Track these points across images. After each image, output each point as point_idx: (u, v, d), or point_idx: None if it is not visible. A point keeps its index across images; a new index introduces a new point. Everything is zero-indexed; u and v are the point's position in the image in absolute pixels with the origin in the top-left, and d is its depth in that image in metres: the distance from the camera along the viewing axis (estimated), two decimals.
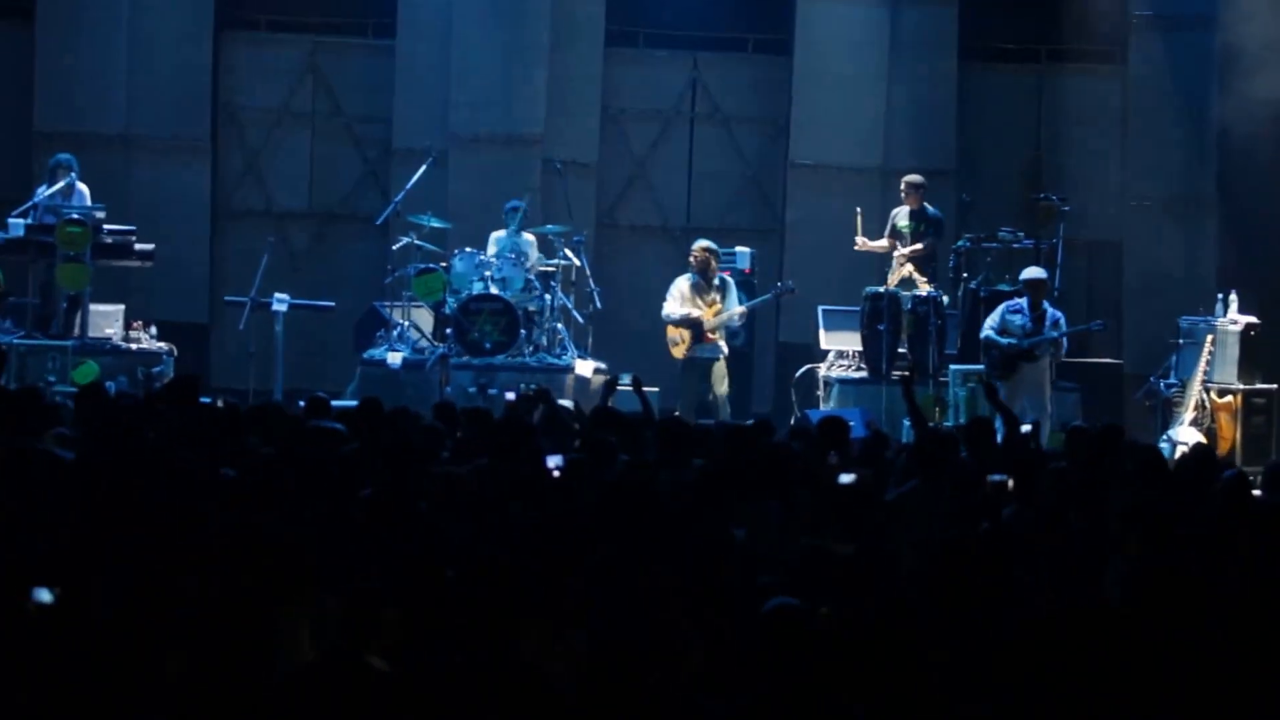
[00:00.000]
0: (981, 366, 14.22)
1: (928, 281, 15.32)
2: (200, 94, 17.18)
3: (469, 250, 15.48)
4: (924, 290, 15.17)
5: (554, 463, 8.35)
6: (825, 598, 5.74)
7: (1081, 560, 6.87)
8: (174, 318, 15.99)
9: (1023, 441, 9.76)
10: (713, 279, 14.97)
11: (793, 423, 13.62)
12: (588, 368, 15.26)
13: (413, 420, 9.64)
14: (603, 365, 15.35)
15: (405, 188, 15.85)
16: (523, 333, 15.18)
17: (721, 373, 14.88)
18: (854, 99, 17.54)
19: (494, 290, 15.19)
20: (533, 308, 15.41)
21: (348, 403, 12.28)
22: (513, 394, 11.65)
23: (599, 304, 15.80)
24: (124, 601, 5.71)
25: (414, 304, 15.62)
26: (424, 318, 15.78)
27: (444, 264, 15.46)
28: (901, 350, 15.16)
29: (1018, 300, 14.15)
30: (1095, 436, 9.72)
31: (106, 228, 14.74)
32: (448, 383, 14.78)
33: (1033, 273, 14.28)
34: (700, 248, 15.06)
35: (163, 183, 16.95)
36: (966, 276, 15.65)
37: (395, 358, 15.21)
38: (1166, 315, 15.60)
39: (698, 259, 14.99)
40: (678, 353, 14.96)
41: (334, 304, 16.06)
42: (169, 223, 16.49)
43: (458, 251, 15.51)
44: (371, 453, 8.44)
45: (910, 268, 15.34)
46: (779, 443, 9.38)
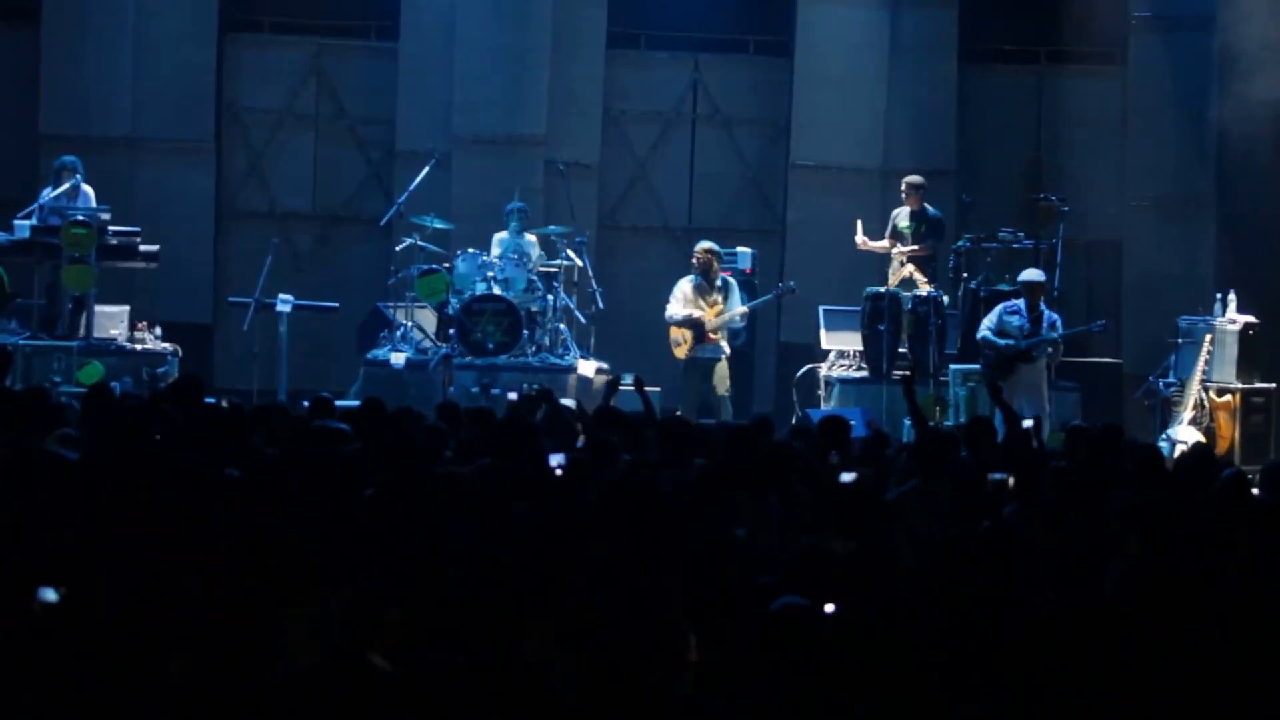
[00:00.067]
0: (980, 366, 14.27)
1: (928, 282, 15.34)
2: (204, 96, 17.16)
3: (472, 251, 15.49)
4: (924, 290, 15.19)
5: (556, 461, 8.35)
6: (825, 596, 5.72)
7: (1081, 560, 6.85)
8: (178, 318, 15.99)
9: (1024, 441, 9.73)
10: (715, 280, 14.98)
11: (794, 422, 13.66)
12: (590, 368, 15.28)
13: (416, 420, 9.62)
14: (605, 365, 15.35)
15: (408, 189, 15.90)
16: (525, 333, 15.19)
17: (723, 373, 14.89)
18: (854, 100, 17.56)
19: (497, 291, 15.20)
20: (535, 308, 15.42)
21: (351, 403, 12.31)
22: (514, 394, 11.64)
23: (601, 304, 15.81)
24: (129, 601, 5.71)
25: (417, 305, 15.63)
26: (427, 318, 15.81)
27: (447, 265, 15.47)
28: (902, 350, 15.18)
29: (1015, 301, 14.11)
30: (1095, 436, 9.70)
31: (111, 229, 14.75)
32: (451, 383, 14.80)
33: (1031, 275, 14.25)
34: (702, 249, 15.08)
35: (167, 184, 16.92)
36: (967, 276, 15.65)
37: (399, 358, 15.21)
38: (1166, 315, 15.58)
39: (700, 260, 15.01)
40: (680, 353, 14.98)
41: (338, 305, 16.08)
42: (173, 224, 16.48)
43: (460, 252, 15.52)
44: (374, 453, 8.43)
45: (911, 268, 15.36)
46: (778, 441, 9.40)
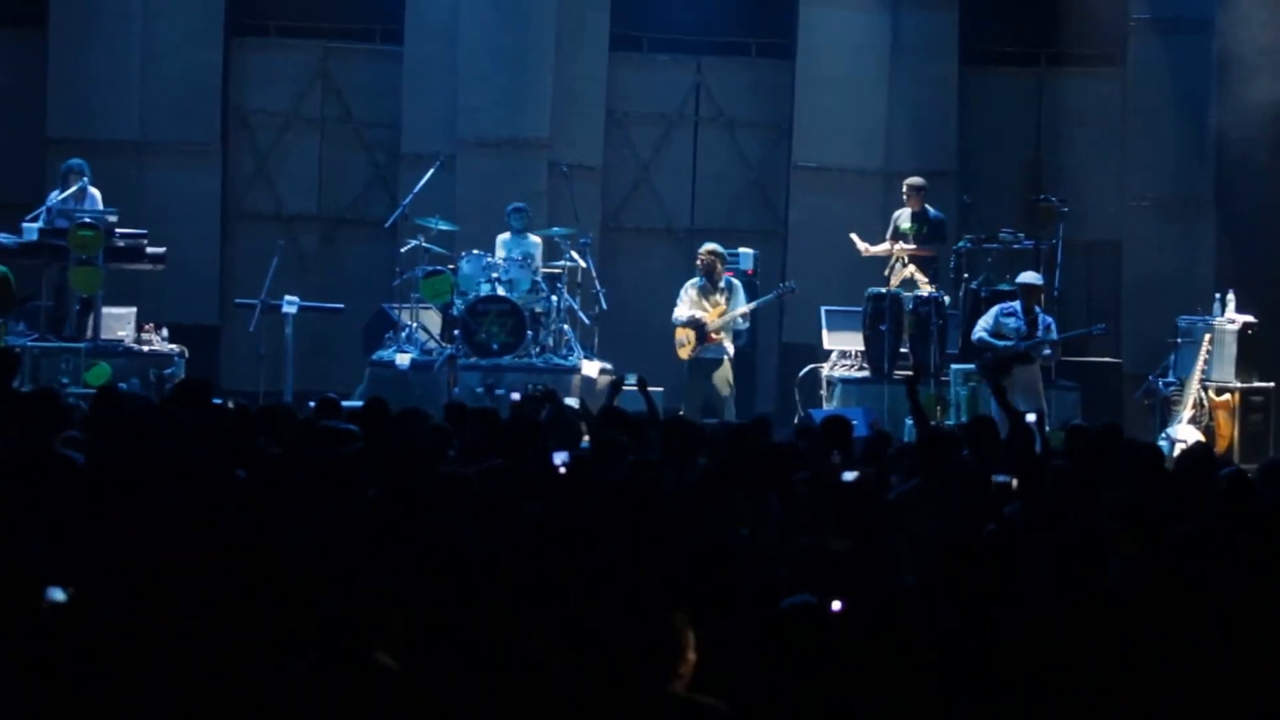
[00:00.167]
0: None
1: (929, 282, 15.35)
2: (210, 99, 17.19)
3: (476, 252, 15.53)
4: (925, 291, 15.20)
5: (560, 459, 8.37)
6: (824, 595, 5.71)
7: (1081, 559, 6.77)
8: (185, 320, 16.00)
9: (1027, 442, 9.72)
10: (718, 281, 14.99)
11: (796, 422, 13.75)
12: (593, 368, 15.31)
13: (421, 421, 9.58)
14: (608, 366, 15.39)
15: (413, 191, 15.96)
16: (529, 334, 15.23)
17: (726, 373, 14.90)
18: (856, 102, 17.57)
19: (501, 292, 15.23)
20: (539, 309, 15.45)
21: (357, 404, 12.36)
22: (517, 394, 11.63)
23: (604, 305, 15.87)
24: (136, 601, 5.71)
25: (422, 306, 15.66)
26: (432, 319, 15.82)
27: (451, 266, 15.50)
28: (903, 350, 15.20)
29: (1011, 303, 14.05)
30: (1095, 435, 9.71)
31: (118, 231, 14.74)
32: (455, 384, 14.83)
33: (1028, 278, 14.20)
34: (706, 251, 15.09)
35: (174, 187, 16.94)
36: (967, 277, 15.62)
37: (403, 359, 15.23)
38: (1165, 315, 15.64)
39: (703, 262, 15.02)
40: (683, 354, 14.98)
41: (343, 306, 16.06)
42: (180, 226, 16.48)
43: (465, 254, 15.56)
44: (377, 453, 8.41)
45: (912, 268, 15.38)
46: (779, 442, 9.42)
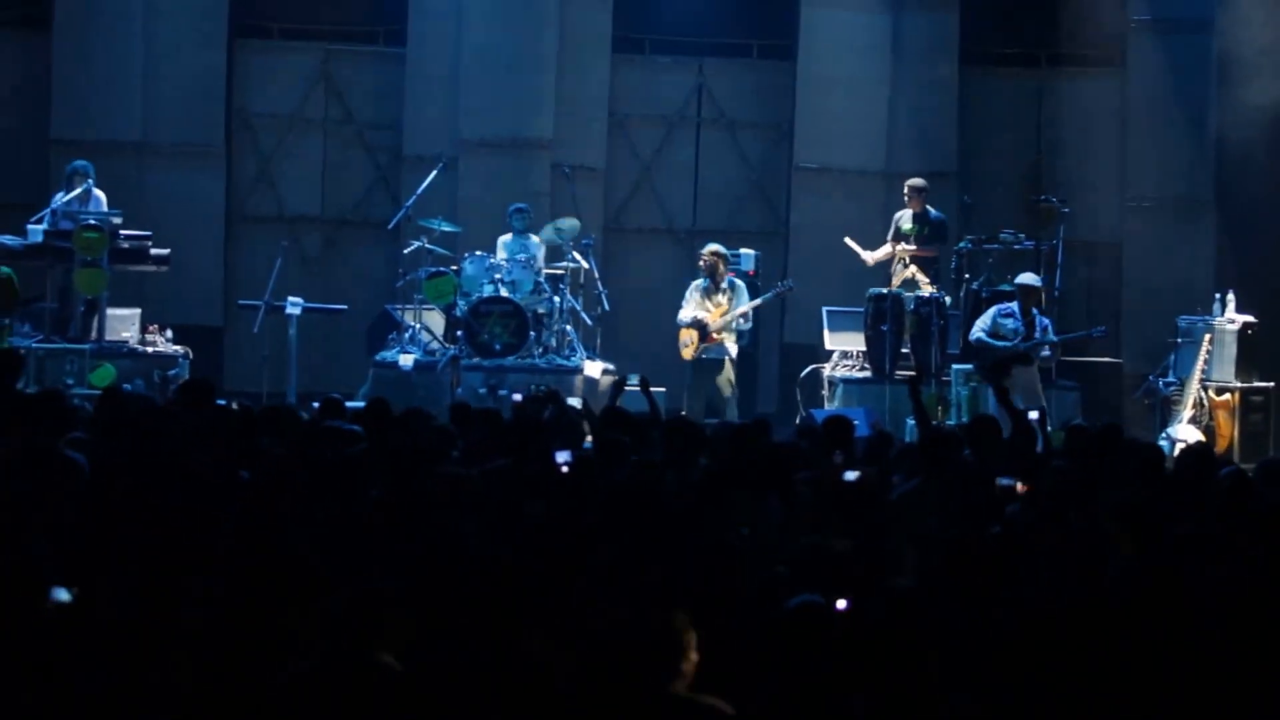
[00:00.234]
0: None
1: (930, 283, 15.39)
2: (214, 101, 17.21)
3: (479, 254, 15.55)
4: (926, 291, 15.24)
5: (563, 458, 8.39)
6: (825, 595, 5.69)
7: (1081, 559, 6.79)
8: (189, 321, 16.04)
9: (1029, 442, 9.69)
10: (720, 282, 15.04)
11: (798, 422, 13.79)
12: (596, 369, 15.34)
13: (423, 421, 9.61)
14: (610, 366, 15.43)
15: (416, 192, 15.97)
16: (532, 334, 15.26)
17: (728, 374, 14.94)
18: (857, 103, 17.59)
19: (504, 293, 15.26)
20: (542, 310, 15.48)
21: (360, 404, 12.39)
22: (519, 395, 11.63)
23: (607, 306, 15.91)
24: (140, 601, 5.72)
25: (425, 307, 15.68)
26: (435, 320, 15.85)
27: (454, 267, 15.53)
28: (904, 350, 15.23)
29: (1009, 304, 14.03)
30: (1095, 435, 9.72)
31: (123, 233, 14.76)
32: (458, 384, 14.86)
33: (1026, 279, 14.18)
34: (708, 252, 15.13)
35: (177, 189, 16.95)
36: (968, 277, 15.62)
37: (407, 360, 15.27)
38: (1165, 315, 15.68)
39: (706, 263, 15.06)
40: (687, 354, 15.01)
41: (346, 307, 16.12)
42: (184, 228, 16.51)
43: (468, 255, 15.58)
44: (379, 454, 8.45)
45: (913, 269, 15.43)
46: (779, 442, 9.43)
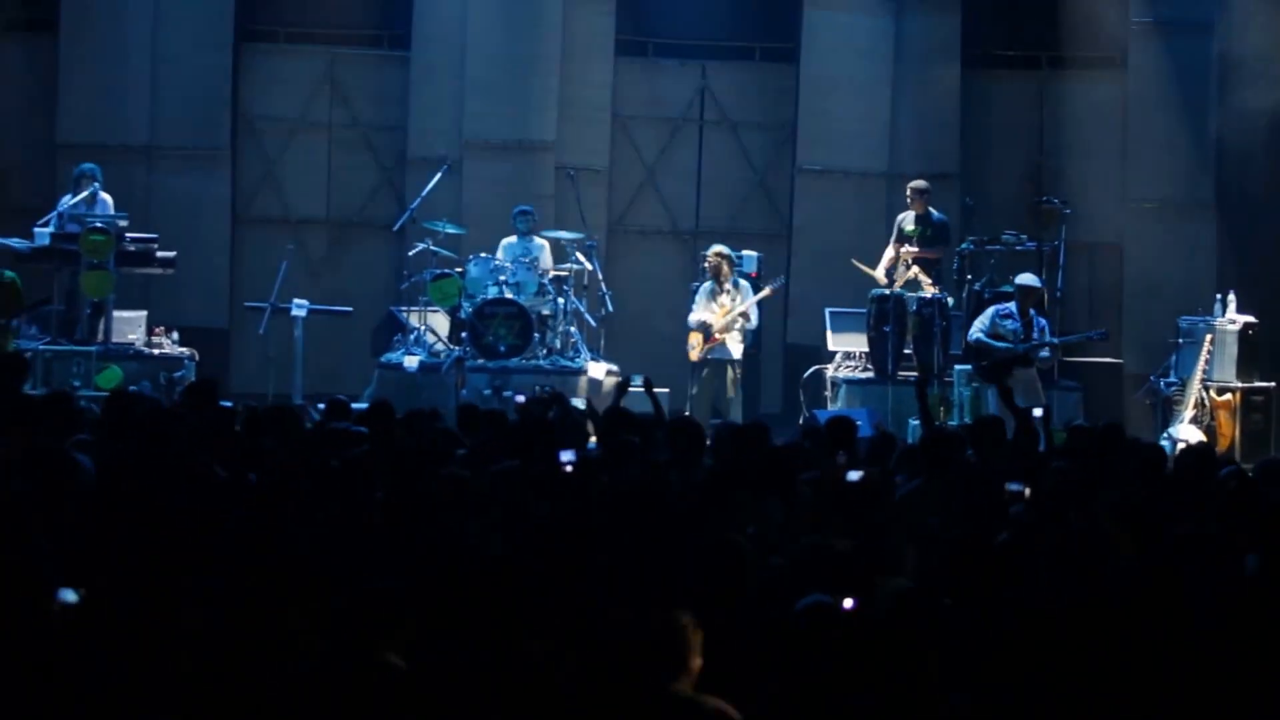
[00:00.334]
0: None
1: (933, 284, 15.39)
2: (220, 104, 17.26)
3: (483, 255, 15.60)
4: (929, 292, 15.23)
5: (567, 457, 8.41)
6: (825, 594, 5.74)
7: (1081, 559, 6.78)
8: (195, 323, 16.09)
9: (1033, 440, 9.68)
10: (725, 283, 15.06)
11: (801, 423, 13.83)
12: (600, 370, 15.36)
13: (427, 422, 9.63)
14: (615, 367, 15.47)
15: (421, 195, 16.02)
16: (536, 336, 15.29)
17: (732, 375, 14.96)
18: (859, 105, 17.59)
19: (508, 294, 15.30)
20: (546, 311, 15.52)
21: (365, 406, 12.42)
22: (522, 397, 11.60)
23: (610, 307, 15.93)
24: (144, 603, 5.72)
25: (430, 309, 15.71)
26: (440, 322, 15.89)
27: (459, 269, 15.55)
28: (907, 351, 15.25)
29: (1007, 305, 14.03)
30: (1096, 435, 9.73)
31: (129, 236, 14.81)
32: (463, 385, 14.89)
33: (1025, 279, 14.15)
34: (712, 253, 15.15)
35: (184, 191, 17.02)
36: (970, 278, 15.58)
37: (412, 361, 15.29)
38: (1166, 315, 15.68)
39: (710, 264, 15.08)
40: (693, 355, 15.03)
41: (351, 309, 16.15)
42: (190, 230, 16.59)
43: (472, 257, 15.62)
44: (383, 455, 8.46)
45: (916, 270, 15.44)
46: (782, 443, 9.50)
